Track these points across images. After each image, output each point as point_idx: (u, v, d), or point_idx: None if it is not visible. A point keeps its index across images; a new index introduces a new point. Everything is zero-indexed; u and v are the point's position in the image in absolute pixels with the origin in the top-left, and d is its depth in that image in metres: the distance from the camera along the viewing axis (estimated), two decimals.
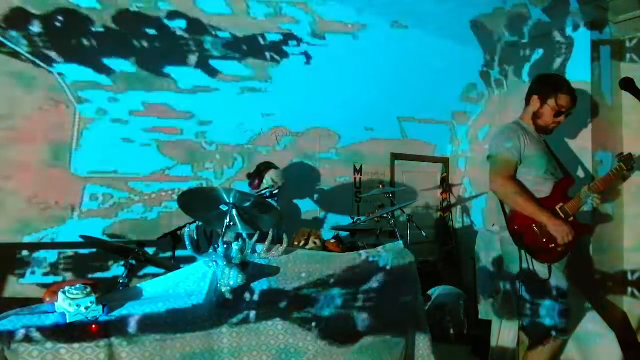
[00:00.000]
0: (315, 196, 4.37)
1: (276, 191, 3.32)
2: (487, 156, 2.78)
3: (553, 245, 2.52)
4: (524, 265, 2.51)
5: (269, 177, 3.49)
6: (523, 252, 2.52)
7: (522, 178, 2.63)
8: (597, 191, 2.60)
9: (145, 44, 3.23)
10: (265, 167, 3.58)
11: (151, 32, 3.19)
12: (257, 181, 3.51)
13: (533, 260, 2.51)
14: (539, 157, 2.64)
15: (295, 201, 4.25)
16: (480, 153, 4.82)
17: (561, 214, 2.60)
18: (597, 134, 3.63)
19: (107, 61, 3.23)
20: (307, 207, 4.31)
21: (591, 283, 3.55)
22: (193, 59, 3.45)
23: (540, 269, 2.50)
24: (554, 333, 2.50)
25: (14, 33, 2.91)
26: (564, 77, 3.04)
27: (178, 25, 3.23)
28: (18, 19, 2.87)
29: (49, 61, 3.11)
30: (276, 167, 3.60)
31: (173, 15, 3.18)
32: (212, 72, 3.57)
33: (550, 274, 2.48)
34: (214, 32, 3.33)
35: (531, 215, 2.53)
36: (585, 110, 3.67)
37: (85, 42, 3.09)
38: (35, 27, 2.93)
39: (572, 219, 2.62)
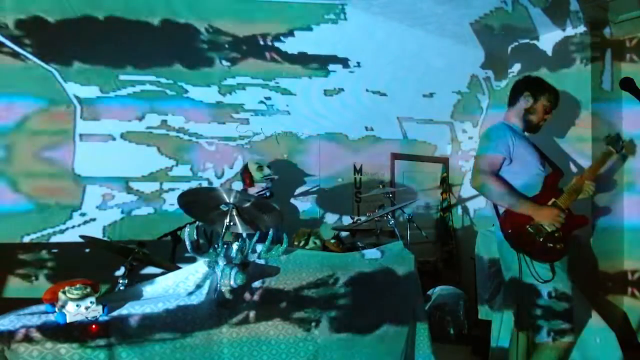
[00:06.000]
0: (315, 196, 4.37)
1: (271, 177, 3.38)
2: (474, 157, 2.74)
3: (551, 244, 2.49)
4: (524, 268, 2.44)
5: (253, 166, 3.48)
6: (522, 255, 2.44)
7: (514, 177, 2.57)
8: (588, 178, 2.61)
9: (146, 44, 3.22)
10: (246, 163, 3.60)
11: (153, 32, 3.19)
12: (247, 180, 3.49)
13: (533, 262, 2.44)
14: (528, 155, 2.62)
15: (295, 201, 4.25)
16: None
17: None
18: (597, 133, 3.63)
19: (107, 61, 3.22)
20: (307, 207, 4.31)
21: (593, 284, 3.54)
22: (194, 59, 3.44)
23: (543, 270, 2.44)
24: (560, 336, 2.42)
25: (13, 33, 2.91)
26: None
27: (183, 26, 3.22)
28: (17, 19, 2.86)
29: (49, 61, 3.11)
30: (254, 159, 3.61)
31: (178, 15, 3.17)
32: (213, 72, 3.56)
33: (554, 274, 2.44)
34: (216, 33, 3.32)
35: (517, 210, 2.48)
36: (585, 110, 3.68)
37: (85, 41, 3.09)
38: (35, 27, 2.93)
39: (566, 212, 2.56)
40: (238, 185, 3.84)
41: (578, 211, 2.63)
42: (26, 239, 3.22)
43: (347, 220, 4.50)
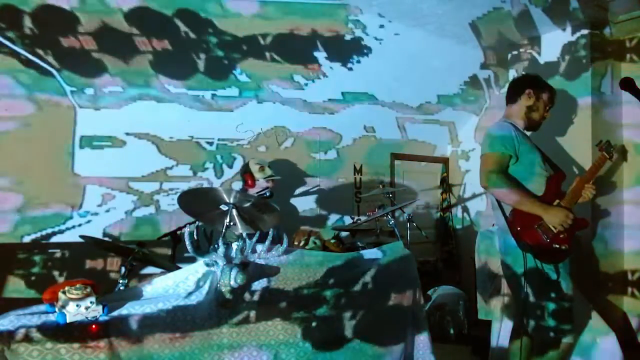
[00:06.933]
0: (315, 196, 4.37)
1: (273, 177, 3.37)
2: (480, 155, 2.73)
3: (557, 245, 2.49)
4: (531, 266, 2.43)
5: (255, 166, 3.43)
6: (528, 255, 2.44)
7: (518, 176, 2.58)
8: (587, 182, 2.64)
9: (146, 44, 3.22)
10: (246, 163, 3.53)
11: (153, 32, 3.19)
12: (249, 180, 3.47)
13: (543, 264, 2.44)
14: (531, 154, 2.62)
15: (295, 201, 4.25)
16: (479, 153, 4.82)
17: None
18: (597, 133, 3.63)
19: (107, 61, 3.22)
20: (307, 207, 4.31)
21: (593, 284, 3.55)
22: (195, 59, 3.44)
23: (549, 271, 2.44)
24: (561, 336, 2.44)
25: (13, 33, 2.91)
26: None
27: (183, 26, 3.22)
28: (17, 18, 2.86)
29: (49, 61, 3.11)
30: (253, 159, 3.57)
31: (178, 14, 3.17)
32: (213, 72, 3.56)
33: (559, 274, 2.44)
34: (217, 33, 3.31)
35: (527, 210, 2.48)
36: (585, 110, 3.68)
37: (86, 41, 3.09)
38: (35, 27, 2.93)
39: None
40: (238, 185, 3.85)
41: (578, 214, 2.62)
42: (26, 239, 3.22)
43: (347, 220, 4.51)
